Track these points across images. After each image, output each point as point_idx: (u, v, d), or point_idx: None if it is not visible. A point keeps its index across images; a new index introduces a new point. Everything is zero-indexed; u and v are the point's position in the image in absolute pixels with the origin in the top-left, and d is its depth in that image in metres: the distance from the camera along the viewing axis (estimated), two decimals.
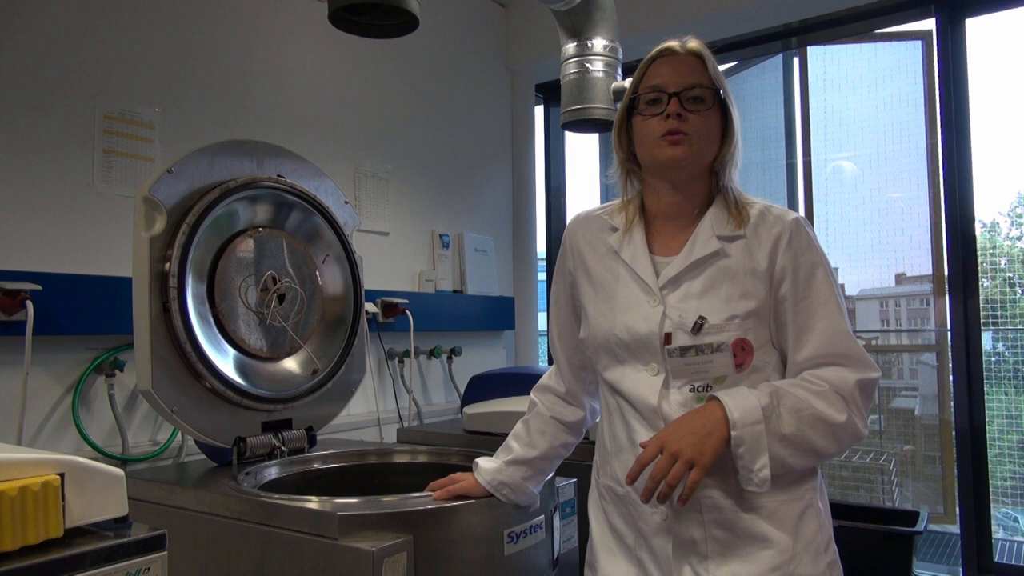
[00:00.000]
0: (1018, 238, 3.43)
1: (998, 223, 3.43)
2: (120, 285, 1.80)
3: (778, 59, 3.20)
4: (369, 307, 2.53)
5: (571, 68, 2.30)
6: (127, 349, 1.92)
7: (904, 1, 2.73)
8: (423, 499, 1.37)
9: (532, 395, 1.51)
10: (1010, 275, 3.21)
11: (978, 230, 2.60)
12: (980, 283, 2.56)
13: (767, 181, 3.21)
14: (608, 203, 1.42)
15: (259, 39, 2.38)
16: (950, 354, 2.62)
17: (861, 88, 3.17)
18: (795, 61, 3.15)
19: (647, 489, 1.16)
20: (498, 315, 3.25)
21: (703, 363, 1.21)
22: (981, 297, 2.56)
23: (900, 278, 3.20)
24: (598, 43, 2.27)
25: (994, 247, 3.36)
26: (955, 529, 2.63)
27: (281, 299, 1.81)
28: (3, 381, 1.74)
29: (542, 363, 3.54)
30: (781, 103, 3.20)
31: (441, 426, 2.58)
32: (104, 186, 1.95)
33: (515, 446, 1.45)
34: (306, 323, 1.87)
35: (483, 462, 1.44)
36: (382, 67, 2.79)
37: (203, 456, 1.78)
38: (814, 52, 3.11)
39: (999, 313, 3.10)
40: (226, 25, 2.28)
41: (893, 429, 3.16)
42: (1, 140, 1.78)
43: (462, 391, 2.72)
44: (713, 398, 1.19)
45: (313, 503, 1.33)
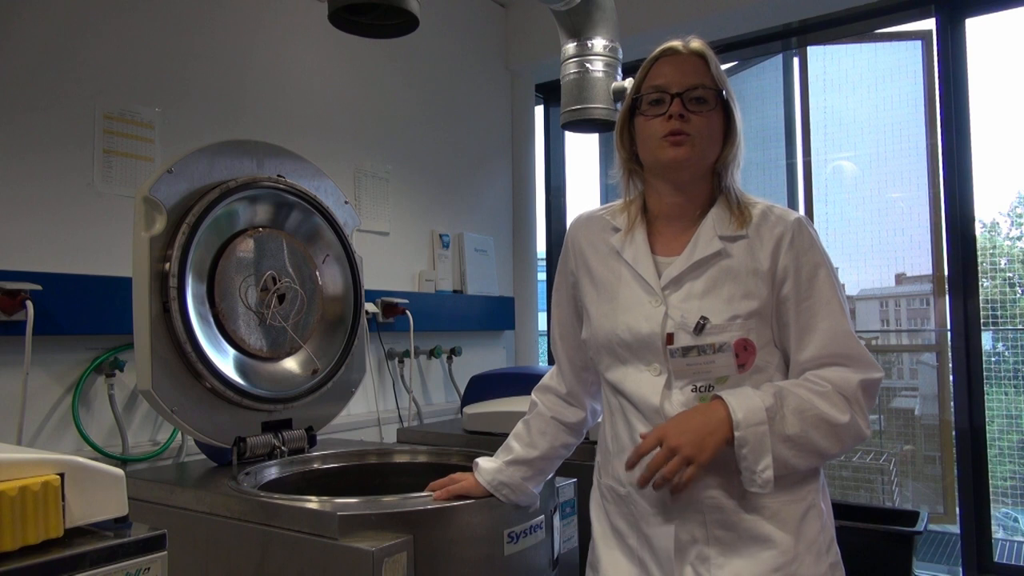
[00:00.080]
0: (1018, 238, 3.43)
1: (998, 223, 3.44)
2: (120, 285, 1.80)
3: (778, 59, 3.20)
4: (369, 307, 2.53)
5: (571, 68, 2.30)
6: (127, 349, 1.92)
7: (904, 1, 2.72)
8: (423, 499, 1.37)
9: (533, 395, 1.51)
10: (1010, 275, 3.21)
11: (978, 230, 2.60)
12: (980, 283, 2.56)
13: (767, 181, 3.20)
14: (610, 204, 1.42)
15: (259, 39, 2.38)
16: (950, 354, 2.62)
17: (861, 88, 3.16)
18: (795, 61, 3.15)
19: (643, 477, 1.17)
20: (498, 315, 3.25)
21: (705, 363, 1.21)
22: (981, 297, 2.56)
23: (900, 278, 3.20)
24: (598, 43, 2.27)
25: (994, 247, 3.36)
26: (955, 529, 2.63)
27: (281, 299, 1.81)
28: (3, 381, 1.74)
29: (542, 363, 3.54)
30: (781, 103, 3.20)
31: (441, 426, 2.58)
32: (104, 186, 1.95)
33: (515, 446, 1.45)
34: (306, 323, 1.87)
35: (483, 462, 1.44)
36: (382, 67, 2.79)
37: (203, 456, 1.78)
38: (814, 52, 3.11)
39: (999, 313, 3.10)
40: (226, 25, 2.28)
41: (893, 429, 3.16)
42: (1, 140, 1.78)
43: (462, 391, 2.72)
44: (717, 398, 1.19)
45: (313, 503, 1.33)
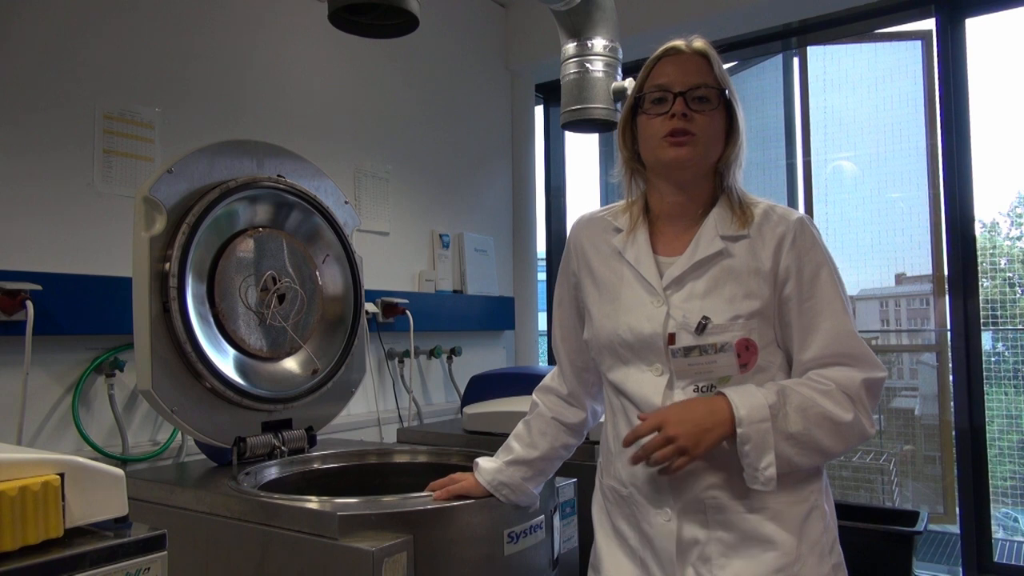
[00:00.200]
0: (1018, 238, 3.43)
1: (998, 223, 3.43)
2: (120, 285, 1.80)
3: (778, 59, 3.20)
4: (369, 307, 2.52)
5: (571, 68, 2.30)
6: (127, 349, 1.92)
7: (904, 1, 2.72)
8: (423, 499, 1.37)
9: (534, 396, 1.51)
10: (1010, 275, 3.21)
11: (978, 230, 2.60)
12: (980, 283, 2.56)
13: (767, 181, 3.20)
14: (612, 204, 1.41)
15: (259, 39, 2.37)
16: (950, 354, 2.62)
17: (861, 88, 3.16)
18: (795, 61, 3.14)
19: (635, 456, 1.19)
20: (498, 315, 3.25)
21: (707, 363, 1.21)
22: (981, 297, 2.56)
23: (900, 278, 3.20)
24: (598, 43, 2.27)
25: (994, 247, 3.36)
26: (955, 529, 2.63)
27: (281, 299, 1.81)
28: (3, 381, 1.73)
29: (542, 363, 3.54)
30: (781, 103, 3.20)
31: (441, 426, 2.58)
32: (104, 186, 1.95)
33: (516, 446, 1.45)
34: (306, 323, 1.87)
35: (483, 462, 1.44)
36: (382, 67, 2.79)
37: (203, 456, 1.78)
38: (814, 52, 3.11)
39: (999, 313, 3.10)
40: (226, 25, 2.28)
41: (893, 429, 3.16)
42: (1, 140, 1.78)
43: (462, 391, 2.72)
44: (720, 394, 1.18)
45: (313, 503, 1.33)
